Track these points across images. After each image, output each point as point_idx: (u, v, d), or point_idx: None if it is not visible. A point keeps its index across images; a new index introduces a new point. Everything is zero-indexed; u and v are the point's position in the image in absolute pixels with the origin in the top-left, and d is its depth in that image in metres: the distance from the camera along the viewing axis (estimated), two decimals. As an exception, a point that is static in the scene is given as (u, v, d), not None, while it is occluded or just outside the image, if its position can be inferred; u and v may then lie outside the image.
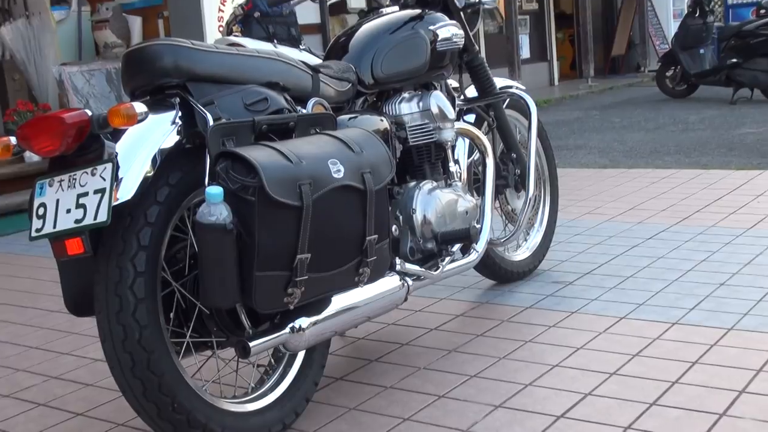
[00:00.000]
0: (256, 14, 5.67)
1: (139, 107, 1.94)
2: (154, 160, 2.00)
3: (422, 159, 2.79)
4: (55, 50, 6.76)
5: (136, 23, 7.25)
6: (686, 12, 10.61)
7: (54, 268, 2.22)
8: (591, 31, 13.53)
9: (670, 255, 3.64)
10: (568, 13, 15.41)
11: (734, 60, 9.71)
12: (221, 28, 6.33)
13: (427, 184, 2.72)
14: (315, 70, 2.48)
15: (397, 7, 2.98)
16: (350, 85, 2.63)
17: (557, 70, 14.24)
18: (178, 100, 2.09)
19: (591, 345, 2.72)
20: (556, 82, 14.15)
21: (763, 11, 9.84)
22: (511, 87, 3.36)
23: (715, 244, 3.74)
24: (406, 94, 2.80)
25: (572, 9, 15.07)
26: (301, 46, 5.83)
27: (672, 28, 14.45)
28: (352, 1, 8.38)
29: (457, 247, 2.80)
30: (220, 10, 6.76)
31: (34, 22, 6.68)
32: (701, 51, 10.21)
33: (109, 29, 7.23)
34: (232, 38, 5.53)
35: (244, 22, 5.68)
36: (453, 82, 3.11)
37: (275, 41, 5.63)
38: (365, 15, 2.97)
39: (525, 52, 13.26)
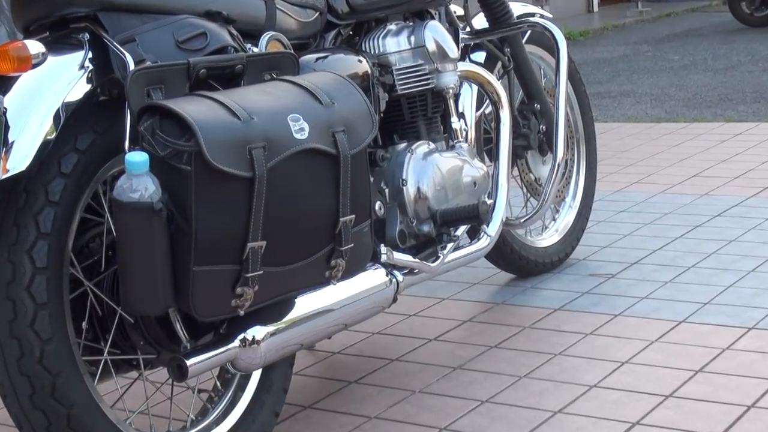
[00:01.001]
0: None
1: (35, 47, 1.94)
2: (56, 117, 1.99)
3: (415, 113, 2.78)
4: None
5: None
6: None
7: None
8: (641, -62, 13.56)
9: (744, 238, 3.66)
10: None
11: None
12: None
13: (422, 147, 2.72)
14: (270, -7, 2.55)
15: None
16: (317, 14, 2.61)
17: (596, -10, 14.26)
18: (87, 36, 2.08)
19: (640, 358, 2.73)
20: (596, 8, 14.17)
21: None
22: (533, 15, 3.34)
23: (805, 223, 3.79)
24: (392, 26, 2.79)
25: None
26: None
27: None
28: None
29: (462, 229, 2.80)
30: None
31: None
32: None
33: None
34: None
35: None
36: (456, 9, 3.10)
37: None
38: None
39: (552, -33, 13.25)
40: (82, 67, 2.05)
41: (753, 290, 3.13)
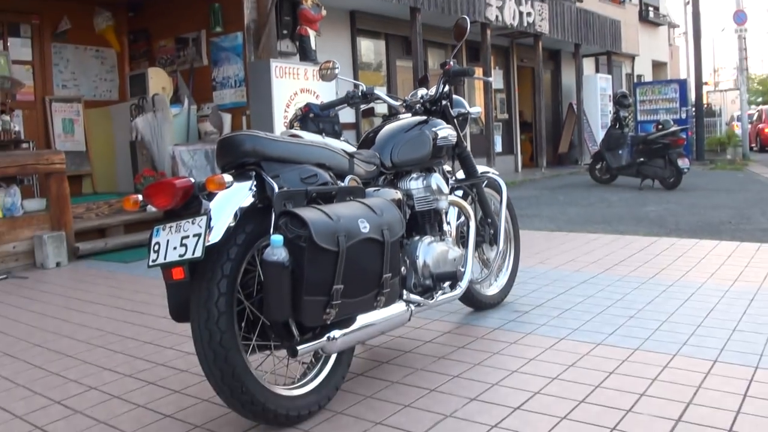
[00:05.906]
0: (311, 115, 5.73)
1: (227, 178, 1.92)
2: (236, 215, 1.96)
3: (424, 221, 2.72)
4: (171, 135, 6.81)
5: (227, 118, 7.26)
6: (609, 125, 10.64)
7: (163, 287, 2.18)
8: (544, 134, 13.48)
9: (596, 295, 3.56)
10: (528, 122, 15.46)
11: (641, 159, 9.70)
12: (286, 124, 6.39)
13: (427, 239, 2.66)
14: (351, 155, 2.43)
15: (409, 114, 2.91)
16: (375, 167, 2.56)
17: (520, 161, 14.12)
18: (254, 173, 2.06)
19: (540, 357, 2.63)
20: (520, 170, 14.02)
21: (660, 126, 9.88)
22: (488, 172, 3.27)
23: (627, 288, 3.64)
24: (414, 175, 2.72)
25: (532, 119, 15.11)
26: (341, 138, 5.85)
27: (600, 134, 14.46)
28: (378, 108, 8.44)
29: (447, 283, 2.72)
30: (285, 111, 6.84)
31: (158, 115, 6.76)
32: (620, 152, 10.20)
33: (209, 122, 7.28)
34: (293, 131, 5.57)
35: (302, 119, 5.73)
36: (447, 167, 3.04)
37: (323, 134, 5.66)
38: (387, 118, 2.93)
39: (498, 147, 13.19)
40: (250, 189, 2.02)
41: (600, 323, 3.01)
